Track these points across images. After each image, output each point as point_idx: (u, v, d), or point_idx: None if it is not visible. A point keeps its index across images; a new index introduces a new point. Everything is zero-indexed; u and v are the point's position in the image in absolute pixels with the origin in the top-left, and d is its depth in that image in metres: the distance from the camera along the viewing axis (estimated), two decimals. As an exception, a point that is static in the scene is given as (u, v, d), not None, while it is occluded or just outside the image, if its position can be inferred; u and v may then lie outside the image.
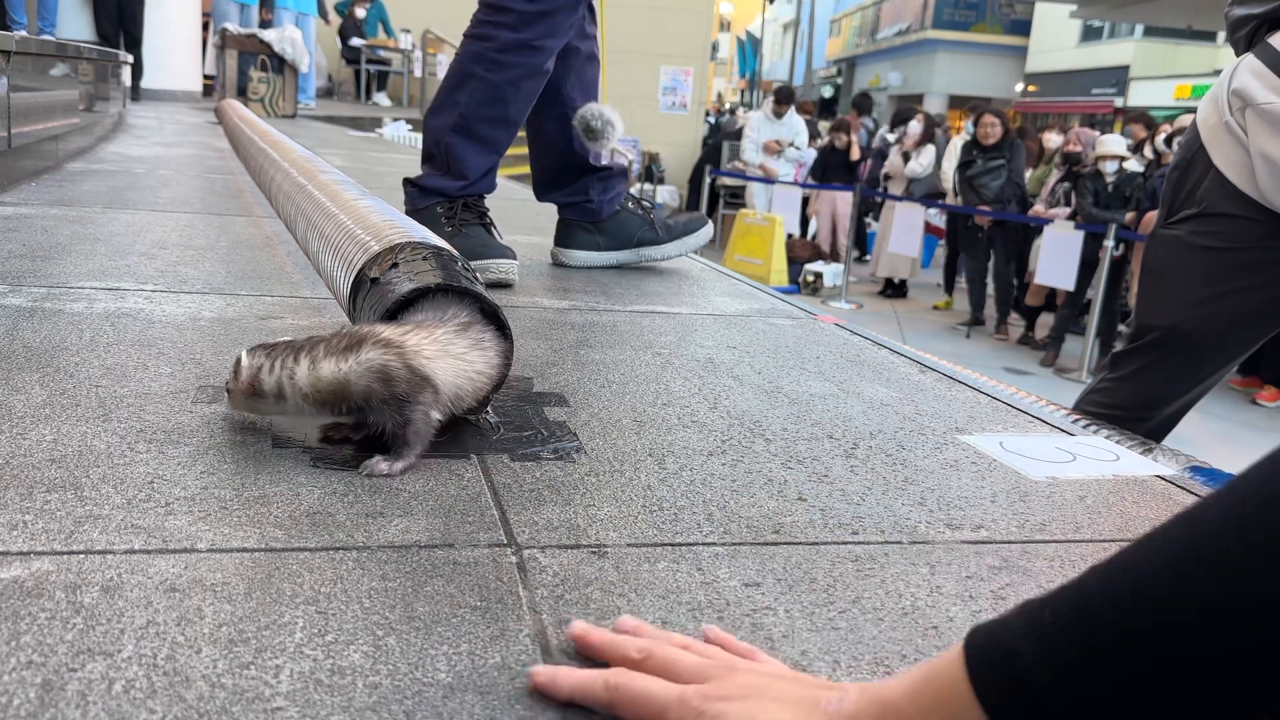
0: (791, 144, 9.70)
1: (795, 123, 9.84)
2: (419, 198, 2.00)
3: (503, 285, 1.87)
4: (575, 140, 2.10)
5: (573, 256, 2.19)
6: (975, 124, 7.51)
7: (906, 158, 8.78)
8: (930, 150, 8.68)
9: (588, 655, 0.66)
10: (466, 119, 1.94)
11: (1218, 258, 1.65)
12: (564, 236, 2.21)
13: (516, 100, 1.95)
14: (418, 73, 11.92)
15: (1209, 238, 1.65)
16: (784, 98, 9.79)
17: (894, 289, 9.05)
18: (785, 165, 9.76)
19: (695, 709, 0.56)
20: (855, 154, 9.38)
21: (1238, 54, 1.61)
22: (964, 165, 7.44)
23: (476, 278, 1.13)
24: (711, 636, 0.68)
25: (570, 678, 0.60)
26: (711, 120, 13.17)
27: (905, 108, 10.05)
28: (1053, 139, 7.89)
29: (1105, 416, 1.56)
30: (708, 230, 2.31)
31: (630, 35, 12.46)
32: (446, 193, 1.98)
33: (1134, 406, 1.76)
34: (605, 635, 0.65)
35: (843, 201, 9.24)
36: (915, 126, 8.83)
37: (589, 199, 2.17)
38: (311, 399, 0.93)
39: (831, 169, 9.45)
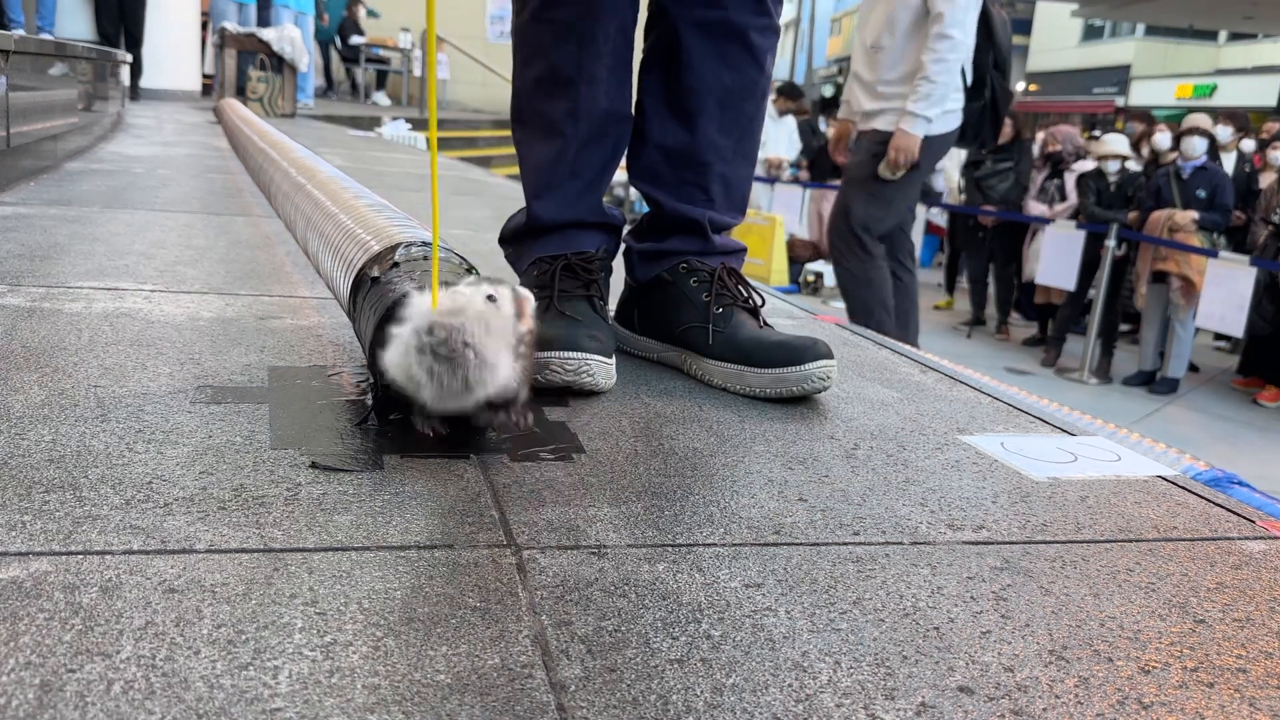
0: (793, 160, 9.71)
1: (789, 123, 9.80)
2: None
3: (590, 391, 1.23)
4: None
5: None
6: None
7: None
8: None
9: None
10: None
11: None
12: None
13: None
14: (417, 72, 11.93)
15: None
16: (792, 94, 9.71)
17: None
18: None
19: None
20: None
21: None
22: (972, 165, 7.41)
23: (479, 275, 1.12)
24: None
25: None
26: None
27: None
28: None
29: None
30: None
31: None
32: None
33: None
34: None
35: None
36: None
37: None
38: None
39: (825, 167, 9.42)
